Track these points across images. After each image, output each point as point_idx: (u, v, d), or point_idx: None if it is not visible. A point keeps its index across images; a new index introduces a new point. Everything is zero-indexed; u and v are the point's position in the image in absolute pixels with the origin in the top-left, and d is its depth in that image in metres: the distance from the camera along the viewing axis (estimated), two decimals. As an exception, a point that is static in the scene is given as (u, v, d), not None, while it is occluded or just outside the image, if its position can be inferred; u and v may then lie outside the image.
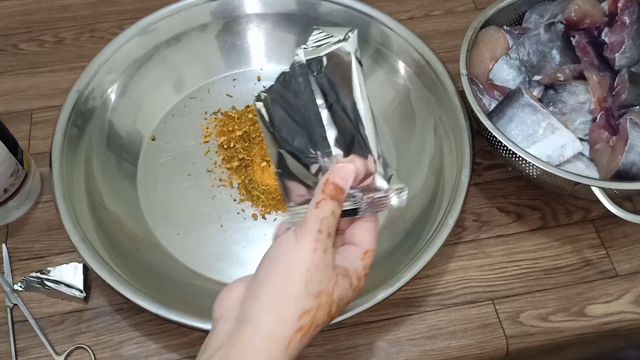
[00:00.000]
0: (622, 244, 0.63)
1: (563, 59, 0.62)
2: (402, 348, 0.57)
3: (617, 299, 0.60)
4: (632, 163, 0.56)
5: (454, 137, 0.61)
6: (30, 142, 0.69)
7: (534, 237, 0.63)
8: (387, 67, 0.69)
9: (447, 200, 0.57)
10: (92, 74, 0.64)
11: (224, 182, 0.65)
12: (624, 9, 0.63)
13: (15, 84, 0.73)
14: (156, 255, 0.60)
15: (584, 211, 0.65)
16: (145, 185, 0.65)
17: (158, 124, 0.69)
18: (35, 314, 0.58)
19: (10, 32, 0.78)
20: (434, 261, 0.55)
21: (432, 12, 0.82)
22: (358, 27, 0.69)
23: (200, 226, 0.62)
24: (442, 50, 0.76)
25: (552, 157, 0.58)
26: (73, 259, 0.60)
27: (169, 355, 0.56)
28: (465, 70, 0.61)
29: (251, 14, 0.71)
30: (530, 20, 0.68)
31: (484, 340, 0.57)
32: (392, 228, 0.62)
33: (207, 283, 0.59)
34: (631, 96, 0.59)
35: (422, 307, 0.59)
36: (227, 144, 0.67)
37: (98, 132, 0.64)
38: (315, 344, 0.57)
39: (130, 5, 0.81)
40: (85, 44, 0.78)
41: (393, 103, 0.69)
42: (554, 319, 0.58)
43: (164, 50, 0.69)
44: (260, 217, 0.63)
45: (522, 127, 0.58)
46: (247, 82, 0.73)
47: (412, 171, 0.65)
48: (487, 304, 0.59)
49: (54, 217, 0.62)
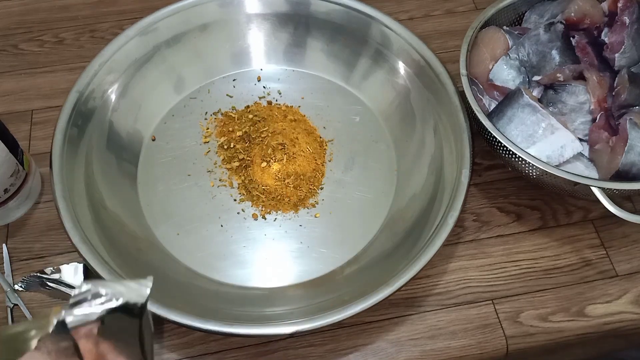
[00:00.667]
0: (622, 244, 0.63)
1: (563, 59, 0.62)
2: (402, 348, 0.57)
3: (617, 299, 0.60)
4: (631, 163, 0.56)
5: (453, 137, 0.61)
6: (30, 142, 0.69)
7: (534, 237, 0.63)
8: (387, 67, 0.69)
9: (447, 201, 0.57)
10: (93, 74, 0.64)
11: (224, 182, 0.65)
12: (623, 9, 0.63)
13: (15, 84, 0.74)
14: (156, 255, 0.60)
15: (584, 211, 0.65)
16: (145, 186, 0.65)
17: (158, 124, 0.69)
18: (36, 314, 0.58)
19: (10, 32, 0.78)
20: (434, 261, 0.55)
21: (432, 13, 0.82)
22: (358, 27, 0.70)
23: (201, 226, 0.62)
24: (442, 51, 0.76)
25: (552, 158, 0.58)
26: (73, 259, 0.60)
27: (169, 355, 0.56)
28: (465, 71, 0.61)
29: (251, 14, 0.71)
30: (530, 21, 0.68)
31: (483, 341, 0.57)
32: (392, 228, 0.62)
33: (207, 283, 0.59)
34: (631, 96, 0.59)
35: (422, 307, 0.59)
36: (227, 144, 0.67)
37: (98, 132, 0.64)
38: (315, 344, 0.57)
39: (130, 5, 0.82)
40: (85, 44, 0.78)
41: (393, 103, 0.69)
42: (553, 319, 0.59)
43: (164, 50, 0.69)
44: (260, 217, 0.63)
45: (521, 128, 0.58)
46: (247, 82, 0.73)
47: (412, 171, 0.65)
48: (487, 304, 0.59)
49: (54, 217, 0.62)
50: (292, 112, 0.70)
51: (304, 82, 0.73)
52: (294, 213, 0.63)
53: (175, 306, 0.51)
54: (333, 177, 0.66)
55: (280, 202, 0.64)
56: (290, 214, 0.63)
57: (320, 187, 0.65)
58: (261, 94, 0.72)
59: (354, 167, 0.67)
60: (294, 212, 0.63)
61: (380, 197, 0.65)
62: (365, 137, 0.69)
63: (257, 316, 0.55)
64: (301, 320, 0.51)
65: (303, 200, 0.64)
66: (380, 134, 0.69)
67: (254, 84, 0.73)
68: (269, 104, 0.71)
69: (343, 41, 0.71)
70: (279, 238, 0.62)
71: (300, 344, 0.57)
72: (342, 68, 0.72)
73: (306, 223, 0.63)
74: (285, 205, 0.64)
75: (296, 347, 0.57)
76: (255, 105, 0.71)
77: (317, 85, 0.72)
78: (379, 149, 0.68)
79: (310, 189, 0.65)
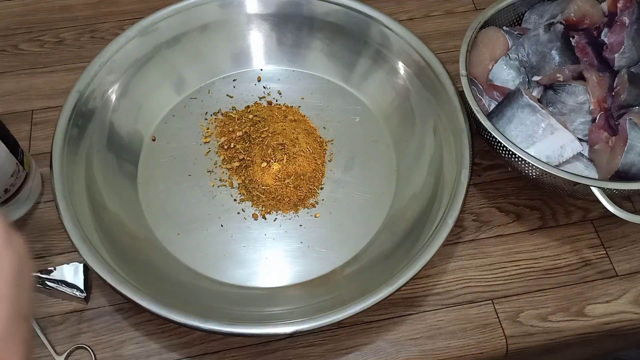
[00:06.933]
0: (621, 244, 0.63)
1: (562, 60, 0.62)
2: (402, 348, 0.57)
3: (616, 298, 0.60)
4: (631, 163, 0.56)
5: (453, 137, 0.61)
6: (30, 142, 0.69)
7: (534, 237, 0.63)
8: (387, 67, 0.69)
9: (447, 201, 0.57)
10: (93, 75, 0.64)
11: (224, 183, 0.65)
12: (623, 9, 0.63)
13: (15, 84, 0.74)
14: (157, 255, 0.60)
15: (584, 211, 0.65)
16: (145, 186, 0.65)
17: (158, 124, 0.69)
18: (36, 314, 0.58)
19: (10, 33, 0.78)
20: (434, 261, 0.55)
21: (431, 13, 0.82)
22: (358, 28, 0.70)
23: (201, 226, 0.63)
24: (441, 51, 0.76)
25: (552, 158, 0.58)
26: (74, 259, 0.60)
27: (169, 355, 0.56)
28: (464, 71, 0.61)
29: (251, 14, 0.71)
30: (529, 21, 0.68)
31: (483, 340, 0.57)
32: (392, 228, 0.62)
33: (207, 283, 0.59)
34: (630, 96, 0.59)
35: (422, 307, 0.59)
36: (228, 144, 0.67)
37: (99, 132, 0.64)
38: (315, 344, 0.57)
39: (130, 5, 0.82)
40: (85, 44, 0.78)
41: (393, 103, 0.69)
42: (553, 318, 0.59)
43: (165, 50, 0.69)
44: (261, 217, 0.63)
45: (521, 128, 0.58)
46: (248, 82, 0.73)
47: (411, 171, 0.65)
48: (487, 303, 0.59)
49: (55, 217, 0.62)
50: (292, 112, 0.70)
51: (304, 82, 0.73)
52: (294, 213, 0.64)
53: (175, 306, 0.51)
54: (333, 177, 0.66)
55: (281, 202, 0.64)
56: (290, 214, 0.64)
57: (320, 187, 0.65)
58: (261, 94, 0.72)
59: (354, 167, 0.67)
60: (294, 212, 0.64)
61: (380, 197, 0.65)
62: (365, 137, 0.69)
63: (257, 316, 0.55)
64: (301, 320, 0.51)
65: (303, 200, 0.64)
66: (380, 134, 0.69)
67: (254, 84, 0.73)
68: (269, 104, 0.71)
69: (343, 41, 0.71)
70: (279, 238, 0.62)
71: (300, 343, 0.57)
72: (342, 68, 0.72)
73: (306, 223, 0.63)
74: (285, 205, 0.64)
75: (296, 347, 0.57)
76: (256, 106, 0.71)
77: (317, 86, 0.72)
78: (379, 149, 0.68)
79: (310, 189, 0.65)
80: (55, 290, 0.57)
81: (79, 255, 0.53)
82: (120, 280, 0.52)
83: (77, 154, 0.61)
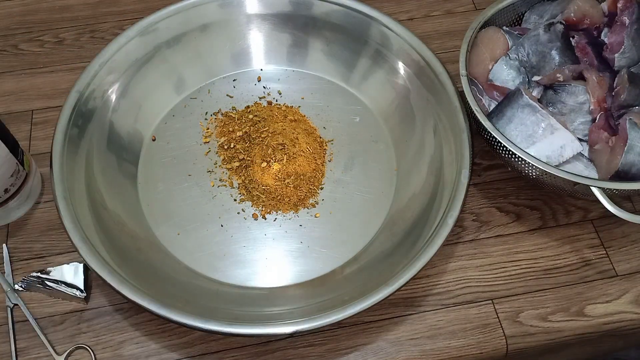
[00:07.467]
0: (621, 244, 0.63)
1: (562, 60, 0.62)
2: (402, 348, 0.57)
3: (616, 299, 0.60)
4: (631, 163, 0.56)
5: (453, 137, 0.61)
6: (30, 142, 0.69)
7: (534, 237, 0.63)
8: (387, 67, 0.69)
9: (447, 200, 0.57)
10: (93, 75, 0.64)
11: (224, 182, 0.65)
12: (623, 9, 0.63)
13: (15, 84, 0.74)
14: (157, 255, 0.60)
15: (584, 211, 0.65)
16: (145, 186, 0.65)
17: (158, 124, 0.69)
18: (36, 314, 0.58)
19: (10, 33, 0.79)
20: (434, 261, 0.55)
21: (431, 13, 0.82)
22: (358, 28, 0.70)
23: (201, 226, 0.63)
24: (441, 51, 0.76)
25: (552, 158, 0.58)
26: (74, 259, 0.60)
27: (169, 355, 0.56)
28: (464, 71, 0.61)
29: (251, 14, 0.71)
30: (529, 21, 0.68)
31: (483, 340, 0.57)
32: (392, 228, 0.62)
33: (207, 283, 0.59)
34: (630, 96, 0.59)
35: (422, 306, 0.59)
36: (228, 144, 0.67)
37: (99, 132, 0.64)
38: (315, 344, 0.57)
39: (130, 5, 0.82)
40: (85, 44, 0.78)
41: (393, 103, 0.69)
42: (553, 318, 0.59)
43: (165, 50, 0.69)
44: (261, 217, 0.63)
45: (521, 128, 0.58)
46: (248, 82, 0.73)
47: (411, 171, 0.65)
48: (487, 303, 0.59)
49: (55, 217, 0.63)
50: (292, 112, 0.70)
51: (304, 82, 0.73)
52: (294, 213, 0.64)
53: (176, 306, 0.51)
54: (333, 177, 0.66)
55: (281, 202, 0.64)
56: (290, 214, 0.64)
57: (320, 187, 0.65)
58: (261, 94, 0.72)
59: (354, 167, 0.67)
60: (294, 212, 0.64)
61: (380, 197, 0.65)
62: (365, 137, 0.69)
63: (257, 316, 0.55)
64: (301, 320, 0.51)
65: (303, 200, 0.64)
66: (380, 134, 0.69)
67: (254, 84, 0.73)
68: (269, 104, 0.71)
69: (343, 41, 0.71)
70: (279, 238, 0.62)
71: (300, 343, 0.57)
72: (342, 68, 0.72)
73: (306, 223, 0.63)
74: (285, 205, 0.64)
75: (296, 347, 0.57)
76: (256, 106, 0.71)
77: (317, 86, 0.72)
78: (379, 149, 0.68)
79: (310, 189, 0.65)
80: (55, 290, 0.57)
81: (79, 255, 0.53)
82: (120, 280, 0.52)
83: (77, 154, 0.61)
